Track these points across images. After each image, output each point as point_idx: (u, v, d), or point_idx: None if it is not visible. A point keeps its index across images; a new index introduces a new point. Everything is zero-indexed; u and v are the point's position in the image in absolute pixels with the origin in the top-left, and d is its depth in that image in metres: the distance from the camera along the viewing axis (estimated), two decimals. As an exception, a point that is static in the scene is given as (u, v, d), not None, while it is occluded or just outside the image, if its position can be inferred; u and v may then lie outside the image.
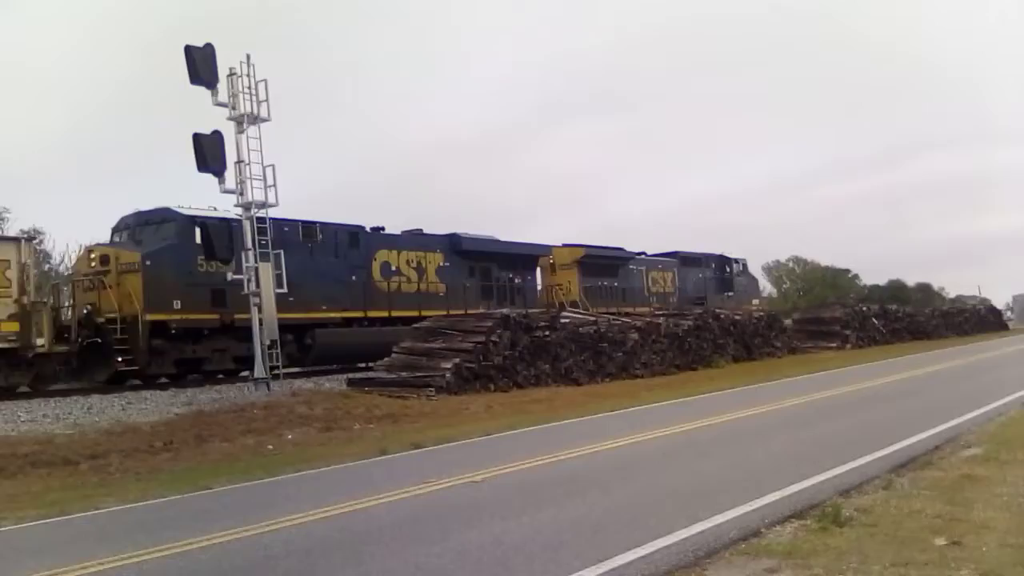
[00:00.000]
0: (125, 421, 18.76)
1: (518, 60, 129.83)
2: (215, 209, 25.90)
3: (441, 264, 32.87)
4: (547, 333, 26.85)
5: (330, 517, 8.79)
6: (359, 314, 29.36)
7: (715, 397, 20.92)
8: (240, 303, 23.54)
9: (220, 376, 26.03)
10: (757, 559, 6.36)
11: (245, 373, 24.78)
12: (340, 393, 22.73)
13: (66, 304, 24.29)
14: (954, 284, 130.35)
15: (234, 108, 22.96)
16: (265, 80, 23.35)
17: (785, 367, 31.24)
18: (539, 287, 38.35)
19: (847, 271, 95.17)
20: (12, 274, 21.37)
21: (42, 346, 21.58)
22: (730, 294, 49.39)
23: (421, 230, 33.35)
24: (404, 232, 32.78)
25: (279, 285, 23.35)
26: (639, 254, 44.29)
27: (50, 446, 15.88)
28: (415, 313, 29.96)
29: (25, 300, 21.39)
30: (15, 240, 22.48)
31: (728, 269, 50.53)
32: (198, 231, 24.09)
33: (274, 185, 23.13)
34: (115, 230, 26.48)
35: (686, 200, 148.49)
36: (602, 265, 40.76)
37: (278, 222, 25.63)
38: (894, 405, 17.09)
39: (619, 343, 29.47)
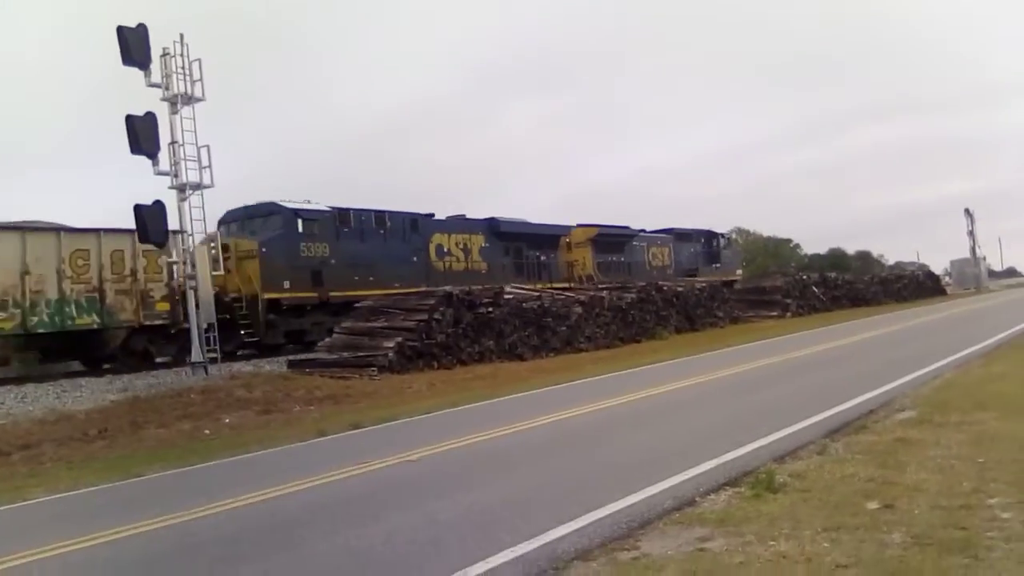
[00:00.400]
0: (59, 409, 18.33)
1: (461, 35, 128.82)
2: (308, 202, 29.95)
3: (482, 245, 36.64)
4: (491, 310, 26.72)
5: (262, 501, 8.62)
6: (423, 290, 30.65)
7: (657, 368, 20.98)
8: (334, 282, 29.11)
9: (161, 360, 25.63)
10: (690, 528, 6.32)
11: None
12: (280, 375, 22.40)
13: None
14: (893, 251, 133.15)
15: (167, 88, 22.49)
16: (199, 60, 22.93)
17: (727, 337, 31.48)
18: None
19: (788, 241, 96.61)
20: (163, 261, 24.37)
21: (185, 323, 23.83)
22: (717, 266, 52.17)
23: (464, 215, 37.51)
24: (450, 217, 36.72)
25: (216, 268, 22.97)
26: (640, 231, 47.60)
27: (-21, 437, 15.48)
28: (465, 289, 32.79)
29: (174, 283, 24.41)
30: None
31: (715, 243, 54.10)
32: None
33: (209, 166, 22.78)
34: (223, 222, 29.60)
35: (633, 173, 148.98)
36: (611, 242, 44.38)
37: (357, 212, 30.94)
38: (831, 371, 17.26)
39: (563, 317, 29.44)
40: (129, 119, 21.49)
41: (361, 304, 27.03)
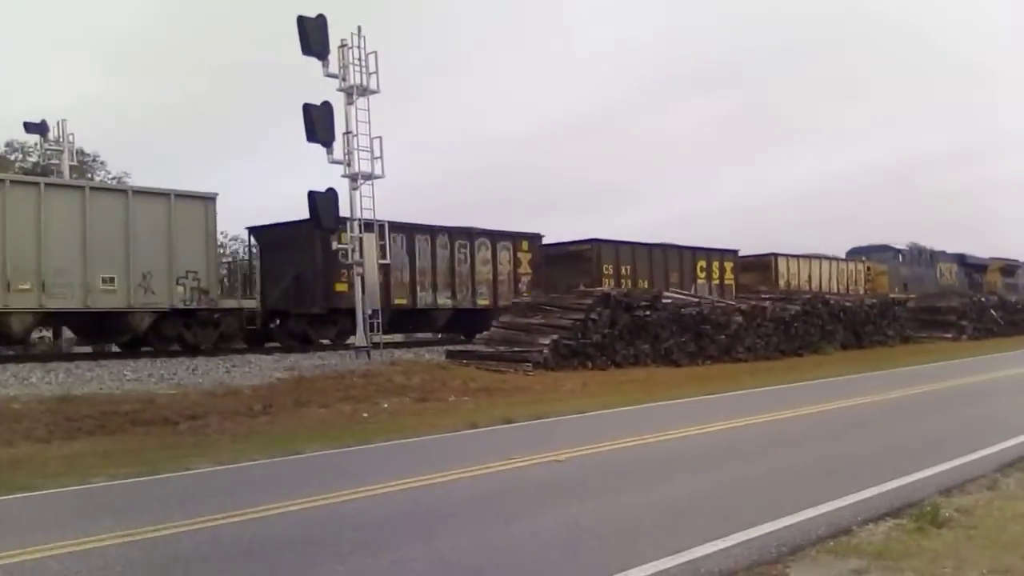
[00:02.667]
0: (227, 383, 19.16)
1: (621, 38, 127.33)
2: None
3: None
4: (648, 313, 26.40)
5: (410, 489, 8.73)
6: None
7: (819, 384, 20.25)
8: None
9: (326, 343, 26.58)
10: (845, 559, 6.00)
11: (350, 340, 25.15)
12: (438, 364, 22.82)
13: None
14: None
15: (344, 80, 23.22)
16: (375, 52, 23.60)
17: (896, 357, 30.10)
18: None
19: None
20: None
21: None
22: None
23: None
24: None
25: (383, 256, 23.59)
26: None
27: (151, 405, 16.29)
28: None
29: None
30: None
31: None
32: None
33: (380, 157, 23.45)
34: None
35: (788, 186, 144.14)
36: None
37: None
38: (1006, 400, 16.23)
39: (722, 326, 28.79)
40: (307, 108, 22.32)
41: (519, 300, 27.21)
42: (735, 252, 41.31)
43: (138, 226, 22.72)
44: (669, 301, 27.95)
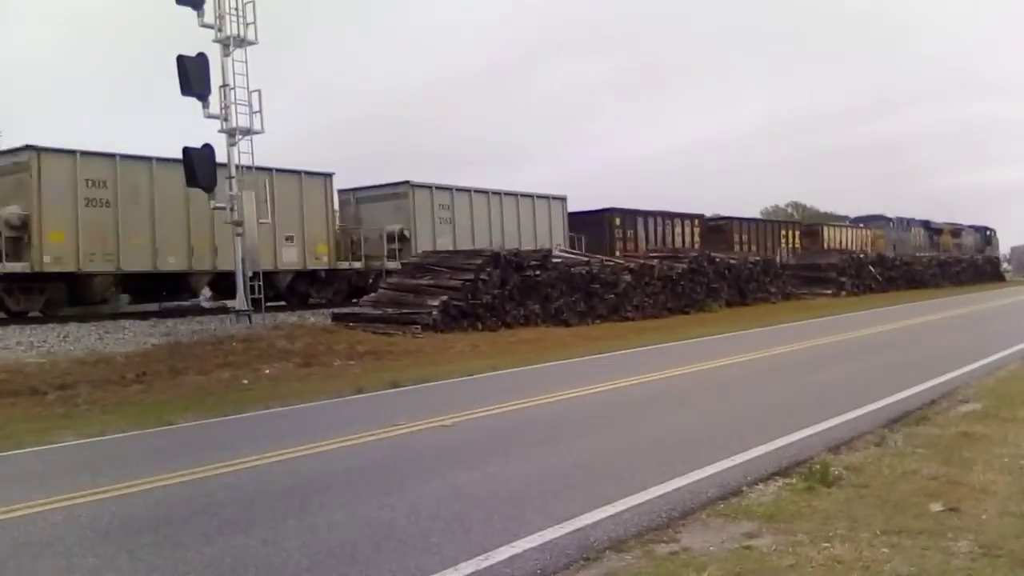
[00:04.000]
0: (100, 351, 18.32)
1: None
2: None
3: None
4: (538, 273, 26.27)
5: (287, 460, 8.30)
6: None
7: (706, 342, 20.42)
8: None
9: (203, 308, 25.66)
10: (736, 522, 5.82)
11: (229, 304, 24.32)
12: (324, 328, 22.23)
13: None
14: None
15: (220, 30, 22.23)
16: (253, 1, 22.57)
17: (779, 313, 30.76)
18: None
19: (845, 218, 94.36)
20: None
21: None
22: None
23: None
24: None
25: (262, 215, 22.76)
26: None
27: (19, 375, 15.55)
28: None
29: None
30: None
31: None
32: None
33: (259, 111, 22.63)
34: None
35: (680, 143, 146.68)
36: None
37: None
38: (887, 355, 16.58)
39: (611, 285, 28.93)
40: (181, 59, 21.29)
41: (408, 260, 26.73)
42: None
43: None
44: (559, 260, 27.90)
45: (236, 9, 22.28)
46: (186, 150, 21.69)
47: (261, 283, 22.73)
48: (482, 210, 32.56)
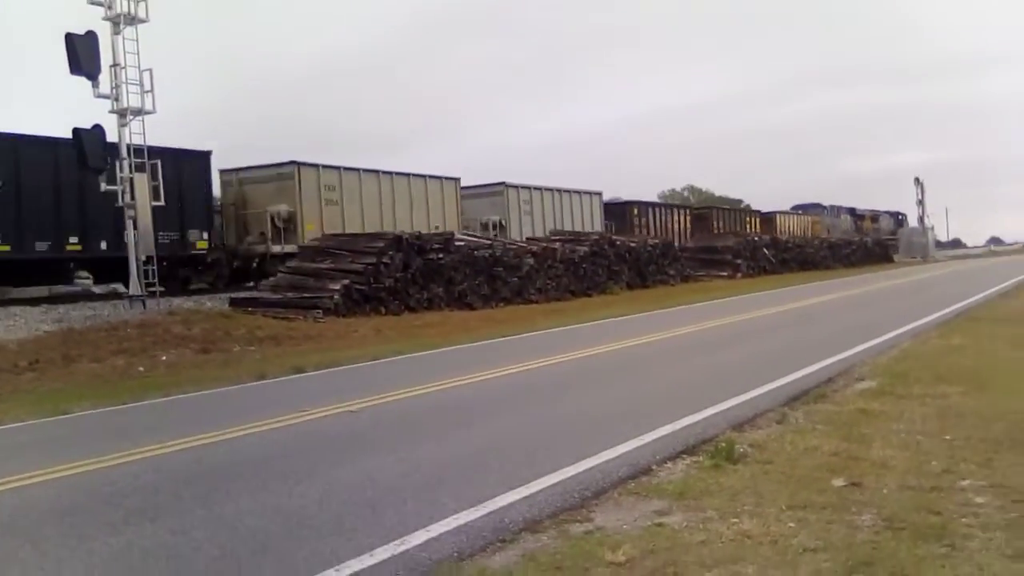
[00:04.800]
0: (-11, 339, 17.54)
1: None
2: None
3: None
4: (441, 256, 26.17)
5: (190, 448, 8.09)
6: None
7: (607, 324, 20.66)
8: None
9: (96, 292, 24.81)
10: (647, 500, 5.91)
11: (121, 289, 23.57)
12: (221, 313, 21.71)
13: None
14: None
15: (110, 7, 21.42)
16: (144, -24, 21.78)
17: (678, 295, 31.31)
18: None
19: (739, 202, 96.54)
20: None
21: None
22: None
23: None
24: None
25: (156, 197, 22.09)
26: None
27: (-96, 364, 14.76)
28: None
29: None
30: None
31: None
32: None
33: (151, 91, 21.81)
34: None
35: (577, 128, 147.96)
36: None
37: None
38: (784, 335, 17.03)
39: (514, 268, 29.03)
40: (69, 37, 20.45)
41: (308, 243, 26.32)
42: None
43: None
44: (462, 244, 27.85)
45: (126, -16, 21.49)
46: (76, 131, 20.87)
47: (155, 267, 22.04)
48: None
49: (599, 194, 44.32)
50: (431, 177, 34.61)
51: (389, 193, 32.27)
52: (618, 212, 46.54)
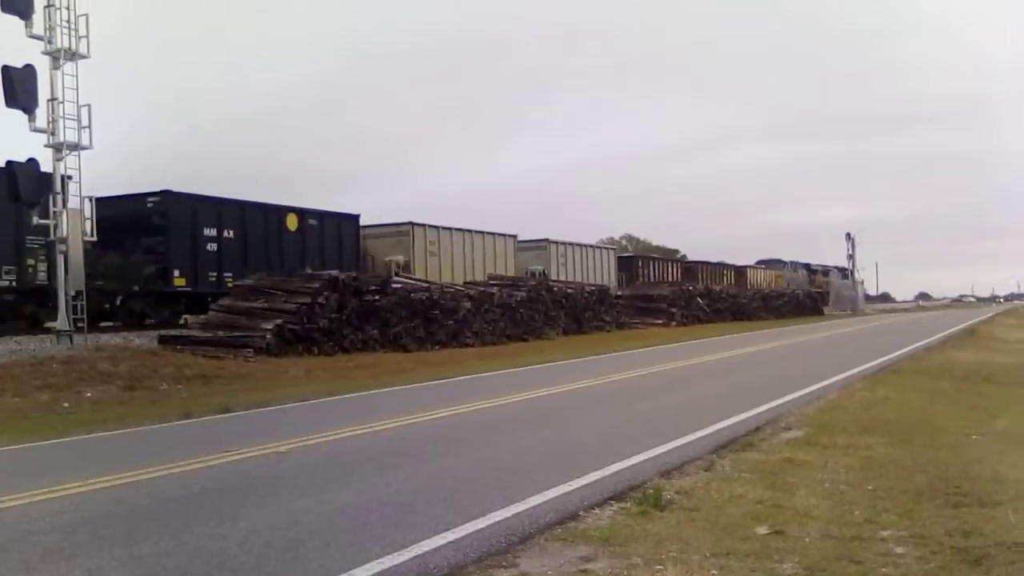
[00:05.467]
0: (-96, 372, 16.99)
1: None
2: None
3: None
4: (377, 298, 26.07)
5: (111, 487, 7.89)
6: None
7: (543, 369, 20.71)
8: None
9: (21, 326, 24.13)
10: (573, 545, 5.91)
11: (50, 324, 22.95)
12: (149, 350, 21.31)
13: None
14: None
15: (50, 42, 21.24)
16: (87, 15, 21.72)
17: (613, 341, 31.55)
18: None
19: (676, 251, 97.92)
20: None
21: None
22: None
23: None
24: None
25: (88, 233, 21.73)
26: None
27: None
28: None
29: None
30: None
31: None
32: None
33: (89, 127, 21.61)
34: None
35: (516, 173, 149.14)
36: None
37: None
38: (714, 384, 17.23)
39: (451, 311, 29.01)
40: (5, 69, 20.22)
41: (241, 283, 26.01)
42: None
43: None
44: (399, 286, 27.76)
45: (68, 22, 21.31)
46: (9, 163, 20.59)
47: (84, 302, 21.60)
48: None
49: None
50: (498, 235, 41.90)
51: (469, 247, 39.45)
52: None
